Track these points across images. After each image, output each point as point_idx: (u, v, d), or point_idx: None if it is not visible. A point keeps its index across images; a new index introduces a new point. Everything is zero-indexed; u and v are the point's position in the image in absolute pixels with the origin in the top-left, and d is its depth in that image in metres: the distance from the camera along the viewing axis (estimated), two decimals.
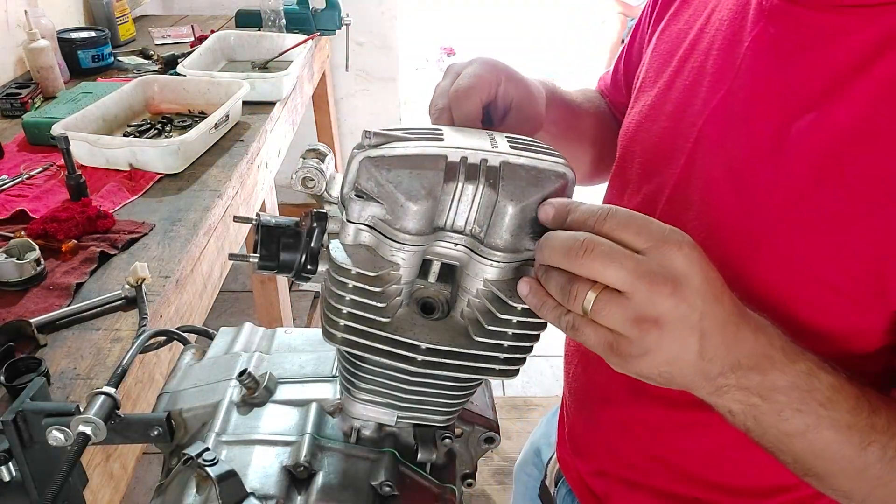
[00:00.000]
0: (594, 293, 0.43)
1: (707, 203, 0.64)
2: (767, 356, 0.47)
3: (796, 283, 0.59)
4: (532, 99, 0.66)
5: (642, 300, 0.43)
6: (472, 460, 0.63)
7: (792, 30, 0.59)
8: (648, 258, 0.43)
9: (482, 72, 0.62)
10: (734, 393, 0.48)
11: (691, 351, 0.44)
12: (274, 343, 0.66)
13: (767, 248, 0.60)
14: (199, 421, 0.58)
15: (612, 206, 0.45)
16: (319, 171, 0.50)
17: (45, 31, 1.83)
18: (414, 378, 0.52)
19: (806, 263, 0.58)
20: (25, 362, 0.88)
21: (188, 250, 1.21)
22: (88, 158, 1.44)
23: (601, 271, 0.43)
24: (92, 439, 0.51)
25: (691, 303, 0.43)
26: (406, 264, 0.48)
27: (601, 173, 0.93)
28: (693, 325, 0.44)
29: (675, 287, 0.42)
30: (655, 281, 0.42)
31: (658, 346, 0.44)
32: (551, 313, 0.46)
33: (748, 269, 0.60)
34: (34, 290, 1.07)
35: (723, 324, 0.45)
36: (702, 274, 0.44)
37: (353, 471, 0.54)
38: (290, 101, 1.99)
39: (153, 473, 1.98)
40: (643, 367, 0.45)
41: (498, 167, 0.46)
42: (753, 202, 0.60)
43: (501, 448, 2.22)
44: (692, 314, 0.43)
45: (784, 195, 0.58)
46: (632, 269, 0.42)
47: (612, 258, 0.42)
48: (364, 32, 2.93)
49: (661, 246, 0.43)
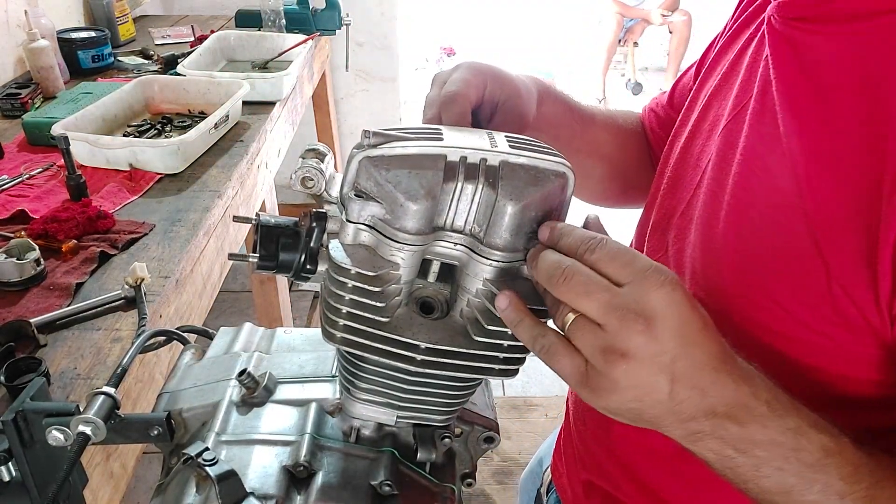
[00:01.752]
0: (573, 315, 0.45)
1: (704, 224, 0.64)
2: (747, 407, 0.45)
3: (777, 315, 0.56)
4: (519, 97, 0.66)
5: (613, 332, 0.43)
6: (472, 460, 0.63)
7: (790, 51, 0.59)
8: (626, 293, 0.43)
9: (467, 76, 0.62)
10: (708, 441, 0.46)
11: (661, 391, 0.44)
12: (273, 343, 0.66)
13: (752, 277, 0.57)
14: (198, 421, 0.59)
15: (604, 238, 0.45)
16: (319, 170, 0.50)
17: (45, 31, 1.83)
18: (413, 378, 0.53)
19: (772, 293, 0.56)
20: (25, 362, 0.88)
21: (188, 250, 1.21)
22: (88, 158, 1.44)
23: (577, 301, 0.44)
24: (92, 439, 0.51)
25: (663, 343, 0.43)
26: (405, 264, 0.48)
27: (617, 195, 0.91)
28: (664, 366, 0.43)
29: (646, 325, 0.42)
30: (627, 316, 0.42)
31: (626, 380, 0.43)
32: (526, 332, 0.47)
33: (741, 299, 0.58)
34: (34, 290, 1.07)
35: (699, 368, 0.44)
36: (679, 315, 0.43)
37: (352, 470, 0.54)
38: (290, 101, 1.99)
39: (153, 473, 1.98)
40: (611, 402, 0.45)
41: (497, 167, 0.47)
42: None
43: (501, 448, 2.22)
44: (663, 355, 0.43)
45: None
46: (605, 302, 0.43)
47: (588, 289, 0.43)
48: (364, 32, 2.93)
49: (642, 282, 0.43)
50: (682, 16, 4.97)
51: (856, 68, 0.53)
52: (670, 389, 0.44)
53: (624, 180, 0.89)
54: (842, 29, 0.55)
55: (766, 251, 0.56)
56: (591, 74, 5.12)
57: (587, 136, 0.83)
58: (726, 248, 0.60)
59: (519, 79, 0.69)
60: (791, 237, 0.54)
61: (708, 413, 0.45)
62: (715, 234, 0.61)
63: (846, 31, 0.54)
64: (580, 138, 0.82)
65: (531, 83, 0.72)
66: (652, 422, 0.46)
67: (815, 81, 0.56)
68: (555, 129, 0.77)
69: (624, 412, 0.46)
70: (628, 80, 5.27)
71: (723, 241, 0.60)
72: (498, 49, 5.44)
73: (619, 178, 0.89)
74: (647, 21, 5.00)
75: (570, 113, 0.80)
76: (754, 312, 0.57)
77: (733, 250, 0.59)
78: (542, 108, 0.74)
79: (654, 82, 5.44)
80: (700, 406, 0.44)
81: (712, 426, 0.45)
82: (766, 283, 0.56)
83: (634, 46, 5.16)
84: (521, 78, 0.70)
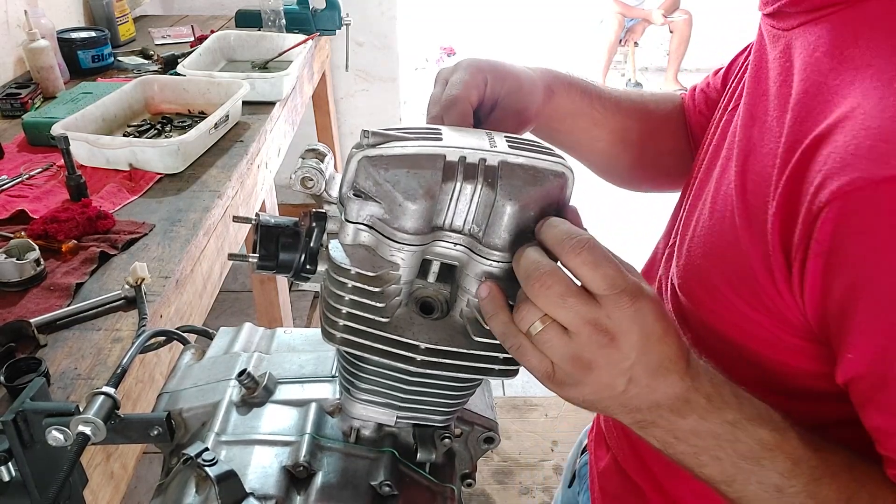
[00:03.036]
0: (542, 324, 0.46)
1: (691, 212, 0.65)
2: (688, 401, 0.48)
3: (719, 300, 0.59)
4: (519, 91, 0.66)
5: (582, 343, 0.45)
6: (472, 460, 0.63)
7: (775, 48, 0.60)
8: (600, 308, 0.45)
9: (467, 76, 0.63)
10: (652, 429, 0.50)
11: (617, 389, 0.47)
12: (273, 343, 0.66)
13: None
14: (198, 421, 0.59)
15: (588, 239, 0.45)
16: (319, 170, 0.50)
17: (45, 31, 1.83)
18: (413, 378, 0.53)
19: (712, 277, 0.59)
20: (26, 362, 0.88)
21: (188, 250, 1.21)
22: (88, 158, 1.44)
23: (551, 308, 0.45)
24: (92, 439, 0.51)
25: (625, 353, 0.45)
26: (405, 264, 0.48)
27: (649, 180, 0.90)
28: (623, 370, 0.46)
29: (612, 339, 0.45)
30: (597, 330, 0.45)
31: (587, 382, 0.47)
32: (500, 326, 0.48)
33: (703, 284, 0.61)
34: (34, 291, 1.07)
35: (653, 370, 0.47)
36: (642, 329, 0.45)
37: (352, 470, 0.54)
38: (290, 101, 1.99)
39: (153, 473, 1.98)
40: (572, 394, 0.49)
41: (496, 167, 0.47)
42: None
43: (501, 448, 2.22)
44: (623, 361, 0.46)
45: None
46: (579, 314, 0.44)
47: (564, 299, 0.44)
48: (364, 32, 2.93)
49: (618, 300, 0.44)
50: (683, 15, 4.98)
51: (788, 61, 0.56)
52: (624, 388, 0.47)
53: (655, 167, 0.88)
54: (789, 23, 0.57)
55: (713, 237, 0.59)
56: (592, 74, 5.12)
57: (611, 125, 0.82)
58: (697, 238, 0.63)
59: (522, 72, 0.69)
60: (728, 225, 0.57)
61: (653, 406, 0.48)
62: (698, 221, 0.64)
63: (793, 24, 0.57)
64: (602, 126, 0.81)
65: (538, 76, 0.72)
66: (604, 410, 0.50)
67: (763, 76, 0.59)
68: (570, 118, 0.78)
69: (580, 402, 0.50)
70: (628, 80, 5.27)
71: (696, 229, 0.63)
72: (498, 49, 5.44)
73: (649, 164, 0.88)
74: (649, 21, 5.00)
75: (590, 102, 0.79)
76: (705, 297, 0.60)
77: (699, 237, 0.62)
78: (555, 99, 0.74)
79: (654, 82, 5.45)
80: (647, 400, 0.48)
81: (655, 417, 0.49)
82: (712, 267, 0.59)
83: (635, 46, 5.17)
84: (526, 71, 0.70)
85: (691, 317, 0.62)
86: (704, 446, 0.50)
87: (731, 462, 0.50)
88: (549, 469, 2.19)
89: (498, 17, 5.51)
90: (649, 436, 0.51)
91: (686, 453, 0.51)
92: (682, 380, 0.48)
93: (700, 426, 0.49)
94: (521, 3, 5.47)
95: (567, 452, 1.04)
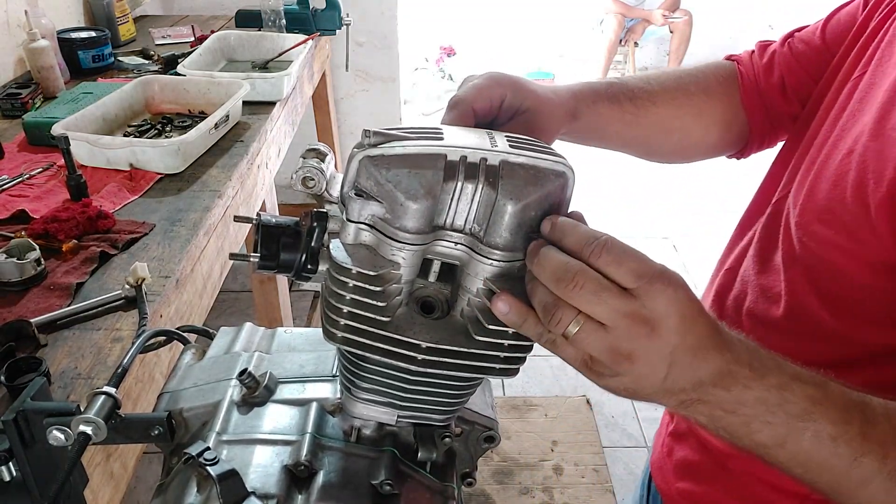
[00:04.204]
0: (577, 325, 0.46)
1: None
2: (730, 373, 0.48)
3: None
4: (538, 112, 0.67)
5: (621, 336, 0.46)
6: (472, 460, 0.63)
7: None
8: (635, 299, 0.45)
9: (481, 83, 0.64)
10: (697, 406, 0.50)
11: (658, 377, 0.47)
12: (274, 343, 0.66)
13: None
14: (199, 420, 0.59)
15: (608, 238, 0.46)
16: (319, 170, 0.50)
17: (45, 31, 1.83)
18: (414, 377, 0.53)
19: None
20: (26, 362, 0.88)
21: (188, 250, 1.21)
22: (88, 158, 1.44)
23: (588, 307, 0.45)
24: (92, 439, 0.51)
25: (666, 340, 0.46)
26: (406, 263, 0.48)
27: (694, 154, 0.90)
28: (664, 356, 0.46)
29: (652, 328, 0.45)
30: (636, 322, 0.45)
31: (629, 372, 0.47)
32: (532, 330, 0.49)
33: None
34: (34, 290, 1.07)
35: (692, 351, 0.47)
36: (679, 312, 0.46)
37: (353, 470, 0.54)
38: (290, 101, 1.99)
39: (154, 473, 1.98)
40: (611, 384, 0.49)
41: (497, 166, 0.47)
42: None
43: (501, 448, 2.23)
44: (664, 348, 0.46)
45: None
46: (616, 308, 0.45)
47: (599, 296, 0.45)
48: (364, 32, 2.93)
49: (649, 287, 0.45)
50: (683, 15, 4.98)
51: None
52: (666, 374, 0.47)
53: (702, 143, 0.89)
54: None
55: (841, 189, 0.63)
56: (592, 74, 5.12)
57: (646, 120, 0.83)
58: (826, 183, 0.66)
59: (543, 94, 0.69)
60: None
61: (696, 384, 0.48)
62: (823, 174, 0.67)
63: None
64: (636, 125, 0.82)
65: (560, 100, 0.72)
66: (646, 398, 0.50)
67: None
68: (600, 130, 0.79)
69: (621, 391, 0.49)
70: None
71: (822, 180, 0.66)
72: (498, 49, 5.44)
73: (694, 143, 0.88)
74: (649, 21, 5.00)
75: (620, 109, 0.80)
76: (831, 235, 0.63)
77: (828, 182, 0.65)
78: (580, 120, 0.75)
79: None
80: (690, 380, 0.48)
81: (700, 394, 0.49)
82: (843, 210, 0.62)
83: (635, 46, 5.17)
84: (548, 94, 0.70)
85: (806, 252, 0.66)
86: (754, 414, 0.50)
87: (783, 423, 0.50)
88: (548, 469, 2.19)
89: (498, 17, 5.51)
90: (696, 413, 0.51)
91: (735, 424, 0.50)
92: (721, 354, 0.48)
93: (746, 395, 0.49)
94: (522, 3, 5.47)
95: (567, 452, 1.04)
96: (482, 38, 5.47)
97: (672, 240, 3.41)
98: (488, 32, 5.51)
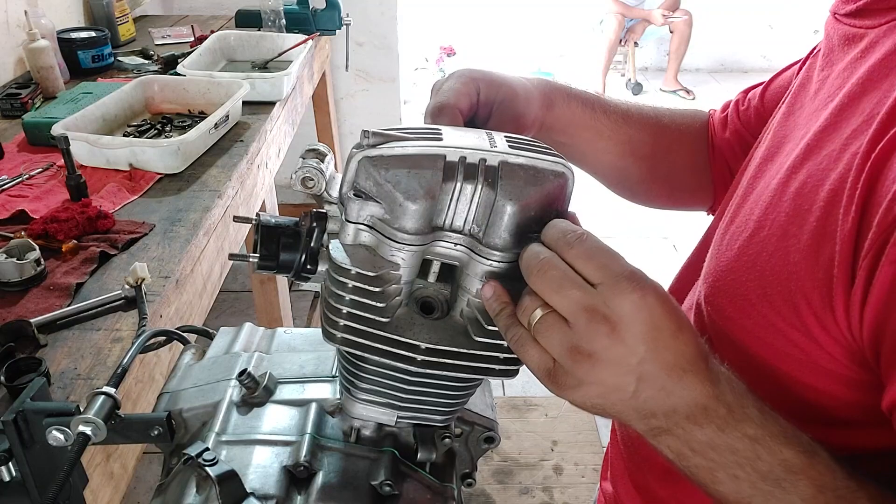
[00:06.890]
0: (542, 311, 0.45)
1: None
2: (706, 409, 0.45)
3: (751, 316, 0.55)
4: (514, 99, 0.67)
5: (580, 332, 0.44)
6: (472, 460, 0.63)
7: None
8: (597, 294, 0.43)
9: (456, 85, 0.63)
10: (666, 438, 0.47)
11: (626, 391, 0.45)
12: (274, 343, 0.66)
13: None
14: (199, 421, 0.59)
15: (584, 233, 0.45)
16: (319, 170, 0.50)
17: (45, 31, 1.83)
18: (414, 378, 0.53)
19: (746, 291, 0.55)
20: (26, 362, 0.88)
21: (188, 250, 1.21)
22: (88, 158, 1.44)
23: (548, 294, 0.44)
24: (92, 439, 0.51)
25: (630, 346, 0.43)
26: (406, 264, 0.48)
27: (664, 197, 0.89)
28: (631, 367, 0.44)
29: (612, 328, 0.43)
30: (595, 317, 0.43)
31: (590, 379, 0.44)
32: (504, 321, 0.47)
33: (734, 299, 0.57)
34: (34, 291, 1.07)
35: (667, 369, 0.44)
36: (649, 320, 0.43)
37: (352, 470, 0.54)
38: (290, 101, 1.99)
39: (153, 473, 1.98)
40: (576, 397, 0.46)
41: (496, 167, 0.47)
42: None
43: (501, 448, 2.22)
44: (630, 357, 0.43)
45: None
46: (576, 300, 0.43)
47: (561, 285, 0.44)
48: (364, 32, 2.93)
49: (615, 286, 0.43)
50: (683, 15, 4.98)
51: (870, 60, 0.53)
52: (635, 389, 0.45)
53: (669, 182, 0.87)
54: (876, 20, 0.54)
55: (754, 248, 0.56)
56: (592, 74, 5.12)
57: (618, 136, 0.81)
58: (734, 250, 0.59)
59: (517, 80, 0.69)
60: (775, 235, 0.54)
61: (669, 411, 0.46)
62: (736, 233, 0.60)
63: (881, 21, 0.53)
64: (608, 138, 0.80)
65: (534, 86, 0.72)
66: (615, 415, 0.47)
67: (828, 84, 0.57)
68: (572, 129, 0.77)
69: (588, 406, 0.47)
70: (628, 80, 5.27)
71: (732, 242, 0.59)
72: (498, 49, 5.44)
73: (662, 179, 0.86)
74: (649, 21, 5.00)
75: (592, 113, 0.78)
76: (735, 312, 0.56)
77: (737, 249, 0.58)
78: (554, 109, 0.74)
79: (654, 82, 5.44)
80: (664, 404, 0.45)
81: (671, 424, 0.46)
82: (749, 281, 0.55)
83: (635, 46, 5.17)
84: (521, 80, 0.70)
85: (716, 332, 0.59)
86: (721, 462, 0.46)
87: (749, 482, 0.47)
88: (548, 469, 2.19)
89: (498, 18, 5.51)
90: (663, 445, 0.48)
91: (701, 467, 0.47)
92: (701, 383, 0.45)
93: (717, 438, 0.46)
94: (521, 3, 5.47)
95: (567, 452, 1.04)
96: (482, 38, 5.48)
97: (672, 240, 3.41)
98: (488, 32, 5.51)
